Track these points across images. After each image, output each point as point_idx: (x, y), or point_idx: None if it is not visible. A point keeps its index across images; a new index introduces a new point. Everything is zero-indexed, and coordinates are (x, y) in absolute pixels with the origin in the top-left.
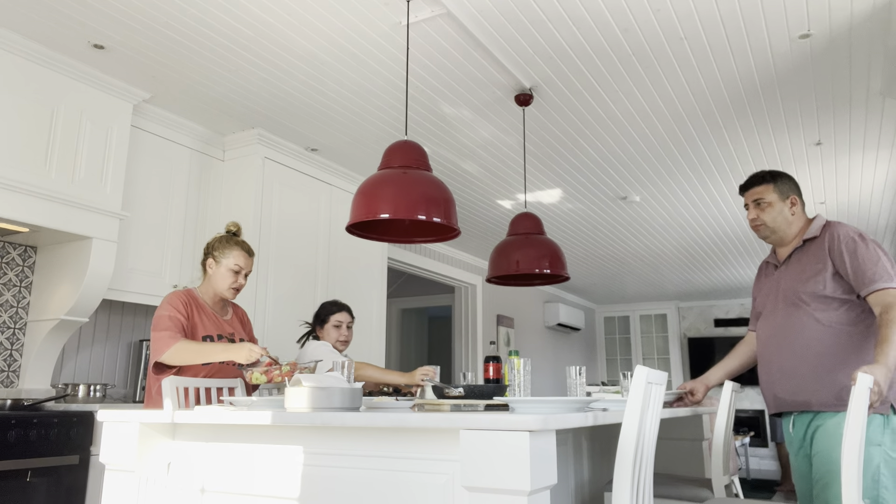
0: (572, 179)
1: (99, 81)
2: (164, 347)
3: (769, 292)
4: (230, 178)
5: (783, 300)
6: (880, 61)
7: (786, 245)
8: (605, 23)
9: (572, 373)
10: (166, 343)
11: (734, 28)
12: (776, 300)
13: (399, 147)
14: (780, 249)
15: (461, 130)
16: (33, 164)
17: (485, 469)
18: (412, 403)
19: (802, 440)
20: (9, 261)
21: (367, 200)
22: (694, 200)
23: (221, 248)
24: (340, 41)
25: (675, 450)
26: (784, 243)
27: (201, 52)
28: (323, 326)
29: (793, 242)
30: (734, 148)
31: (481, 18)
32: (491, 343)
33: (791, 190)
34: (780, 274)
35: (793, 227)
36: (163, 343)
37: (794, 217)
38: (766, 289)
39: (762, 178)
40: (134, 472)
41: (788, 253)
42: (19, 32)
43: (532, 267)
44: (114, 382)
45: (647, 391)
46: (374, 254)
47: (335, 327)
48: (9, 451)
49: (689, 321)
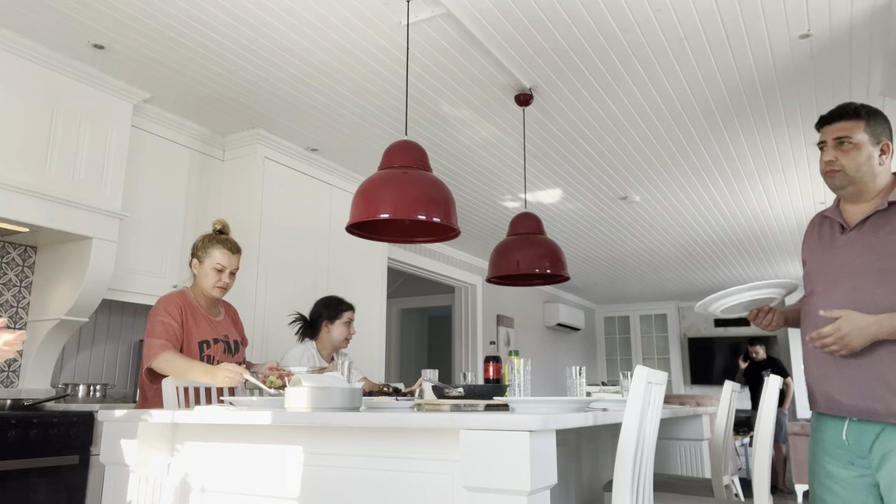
0: (572, 179)
1: (99, 81)
2: (154, 356)
3: (828, 262)
4: (230, 178)
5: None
6: (880, 61)
7: (862, 202)
8: (605, 23)
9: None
10: (156, 351)
11: (734, 28)
12: (839, 274)
13: (399, 147)
14: (851, 207)
15: (461, 130)
16: (33, 164)
17: (485, 469)
18: (412, 403)
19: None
20: (9, 261)
21: (367, 200)
22: (694, 200)
23: (204, 247)
24: (340, 41)
25: (675, 450)
26: (861, 199)
27: (201, 52)
28: (333, 322)
29: (873, 201)
30: (734, 148)
31: (481, 18)
32: (491, 343)
33: (885, 133)
34: (849, 240)
35: (878, 181)
36: (153, 351)
37: (882, 168)
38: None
39: (854, 111)
40: (134, 472)
41: (866, 214)
42: (19, 32)
43: (532, 267)
44: (114, 382)
45: (647, 391)
46: (374, 254)
47: (346, 324)
48: (9, 451)
49: (689, 321)
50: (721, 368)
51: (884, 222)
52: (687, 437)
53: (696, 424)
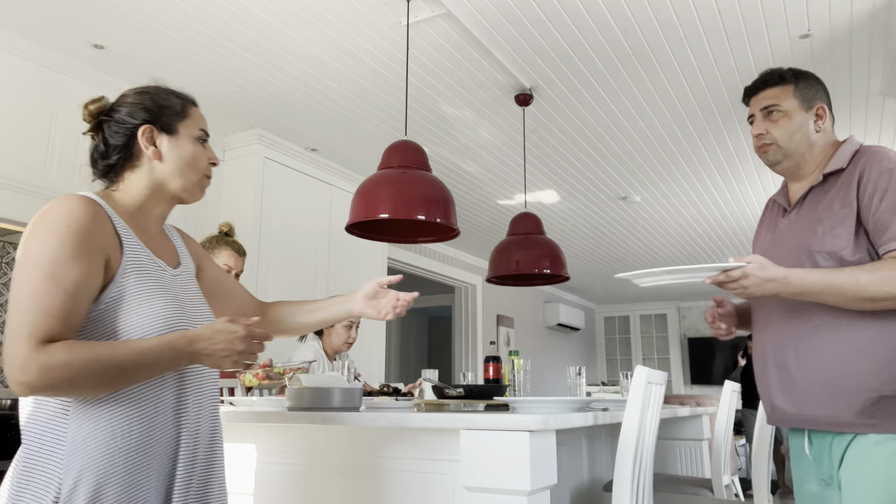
0: (572, 179)
1: (99, 81)
2: None
3: (770, 248)
4: (230, 178)
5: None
6: (880, 61)
7: (804, 178)
8: (605, 23)
9: (572, 373)
10: None
11: (734, 28)
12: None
13: (399, 147)
14: (794, 185)
15: (461, 130)
16: (33, 163)
17: (485, 469)
18: (412, 403)
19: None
20: (9, 261)
21: (366, 200)
22: (694, 200)
23: (211, 248)
24: (340, 41)
25: (675, 450)
26: (801, 174)
27: (201, 52)
28: (333, 324)
29: (813, 175)
30: (734, 148)
31: (481, 18)
32: (491, 343)
33: (819, 96)
34: (789, 222)
35: (815, 151)
36: None
37: (819, 135)
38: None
39: (780, 76)
40: None
41: (804, 192)
42: (19, 32)
43: (532, 267)
44: None
45: (647, 391)
46: (374, 254)
47: (346, 327)
48: (9, 451)
49: (689, 321)
50: (721, 368)
51: (819, 198)
52: (687, 437)
53: (696, 424)
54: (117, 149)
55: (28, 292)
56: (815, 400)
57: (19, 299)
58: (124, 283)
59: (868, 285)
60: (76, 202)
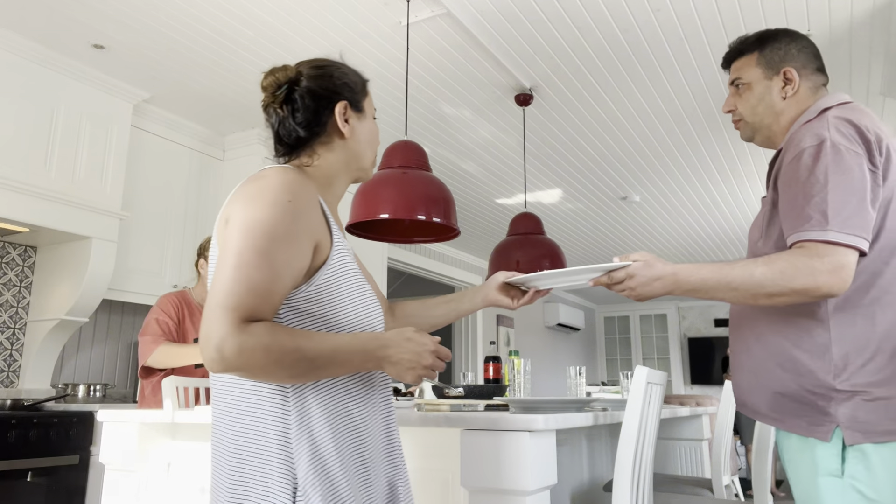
0: (572, 179)
1: (99, 81)
2: (147, 352)
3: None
4: (230, 178)
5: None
6: (880, 61)
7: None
8: (605, 23)
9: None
10: (149, 347)
11: (734, 28)
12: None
13: (399, 147)
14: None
15: (461, 130)
16: (33, 164)
17: (485, 469)
18: (412, 403)
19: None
20: (9, 261)
21: (366, 200)
22: (694, 200)
23: None
24: (340, 41)
25: (675, 450)
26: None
27: (201, 52)
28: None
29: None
30: (734, 148)
31: (481, 18)
32: (491, 343)
33: (787, 58)
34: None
35: (783, 121)
36: (146, 348)
37: (787, 102)
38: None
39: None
40: (134, 472)
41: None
42: (19, 32)
43: (532, 267)
44: (114, 382)
45: (647, 391)
46: (375, 254)
47: None
48: (9, 451)
49: (689, 321)
50: (721, 368)
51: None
52: (687, 437)
53: (696, 424)
54: (311, 123)
55: (236, 262)
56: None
57: (225, 268)
58: (337, 269)
59: (762, 279)
60: (297, 177)
